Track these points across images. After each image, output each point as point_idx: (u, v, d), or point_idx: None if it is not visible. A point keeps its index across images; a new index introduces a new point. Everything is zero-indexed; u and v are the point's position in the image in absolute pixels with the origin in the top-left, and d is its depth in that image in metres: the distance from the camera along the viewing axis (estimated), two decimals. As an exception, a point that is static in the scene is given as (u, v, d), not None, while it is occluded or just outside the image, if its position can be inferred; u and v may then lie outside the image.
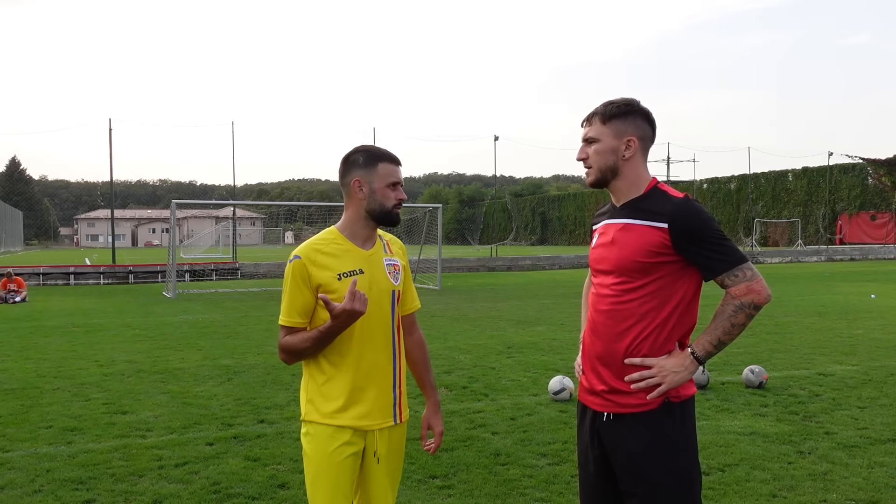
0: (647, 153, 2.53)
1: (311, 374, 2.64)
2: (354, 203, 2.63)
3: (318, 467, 2.57)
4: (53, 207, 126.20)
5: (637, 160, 2.48)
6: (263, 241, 74.89)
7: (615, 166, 2.47)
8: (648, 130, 2.50)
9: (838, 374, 7.94)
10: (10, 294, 18.67)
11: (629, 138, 2.46)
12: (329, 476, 2.55)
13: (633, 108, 2.48)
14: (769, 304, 2.40)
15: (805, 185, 55.40)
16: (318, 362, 2.61)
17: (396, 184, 2.65)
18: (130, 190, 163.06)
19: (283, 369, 8.56)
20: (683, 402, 2.43)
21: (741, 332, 2.40)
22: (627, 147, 2.46)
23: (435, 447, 2.87)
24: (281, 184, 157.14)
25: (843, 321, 12.42)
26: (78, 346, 10.78)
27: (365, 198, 2.61)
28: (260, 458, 5.27)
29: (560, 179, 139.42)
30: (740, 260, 2.36)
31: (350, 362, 2.58)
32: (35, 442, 5.75)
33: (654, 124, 2.51)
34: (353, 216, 2.64)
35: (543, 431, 5.85)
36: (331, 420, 2.57)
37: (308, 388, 2.64)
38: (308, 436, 2.61)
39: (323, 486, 2.55)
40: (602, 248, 2.54)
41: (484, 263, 33.79)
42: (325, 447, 2.56)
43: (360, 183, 2.60)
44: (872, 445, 5.36)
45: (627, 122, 2.46)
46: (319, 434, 2.57)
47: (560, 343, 10.42)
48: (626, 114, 2.46)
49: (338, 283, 2.53)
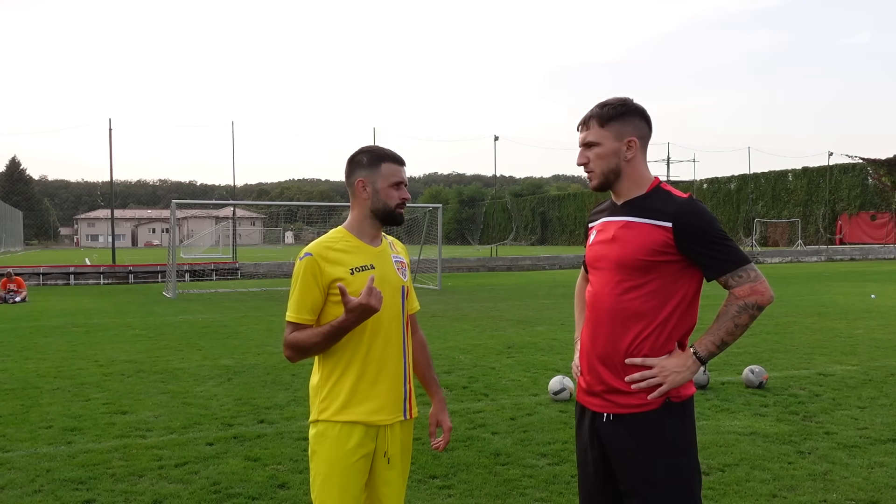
0: (647, 151, 2.53)
1: (323, 372, 2.63)
2: (359, 203, 2.66)
3: (329, 468, 2.55)
4: (53, 207, 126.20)
5: (638, 160, 2.48)
6: (263, 241, 74.93)
7: (618, 169, 2.46)
8: (646, 128, 2.49)
9: (838, 374, 7.94)
10: (10, 294, 18.68)
11: (630, 139, 2.44)
12: (340, 477, 2.55)
13: (628, 107, 2.46)
14: (770, 304, 2.40)
15: (805, 185, 55.40)
16: (330, 359, 2.60)
17: (400, 183, 2.66)
18: (130, 190, 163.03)
19: (284, 369, 8.56)
20: (684, 402, 2.42)
21: (742, 334, 2.39)
22: (629, 148, 2.45)
23: (444, 444, 2.88)
24: (281, 184, 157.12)
25: (843, 321, 12.42)
26: (78, 346, 10.78)
27: (369, 197, 2.64)
28: (260, 458, 5.27)
29: (560, 179, 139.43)
30: (744, 261, 2.36)
31: (362, 357, 2.59)
32: (35, 442, 5.75)
33: (650, 121, 2.51)
34: (360, 215, 2.67)
35: (543, 431, 5.85)
36: (344, 416, 2.56)
37: (320, 387, 2.62)
38: (319, 436, 2.59)
39: (334, 488, 2.55)
40: (601, 245, 2.52)
41: (484, 263, 33.80)
42: (337, 448, 2.55)
43: (363, 183, 2.64)
44: (872, 445, 5.36)
45: (626, 122, 2.45)
46: (332, 434, 2.57)
47: (560, 343, 10.42)
48: (623, 114, 2.45)
49: (351, 278, 2.55)
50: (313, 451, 2.61)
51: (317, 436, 2.60)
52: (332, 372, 2.61)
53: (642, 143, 2.48)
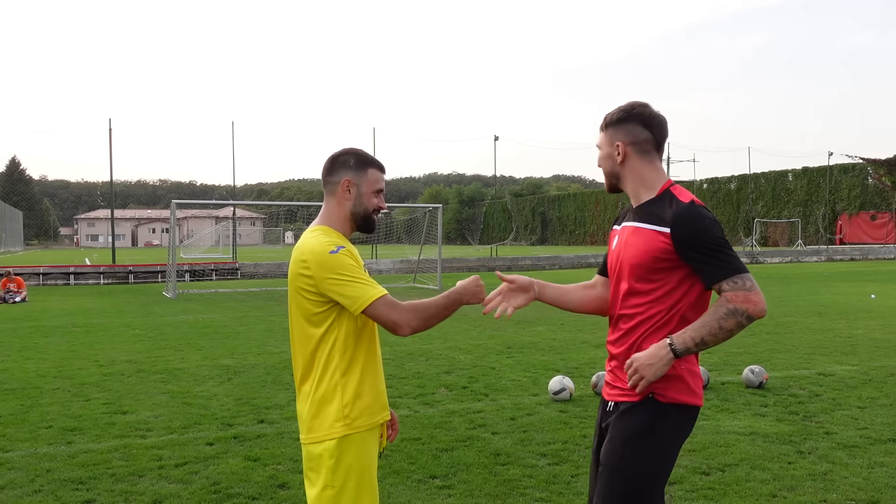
0: (652, 155, 2.55)
1: (332, 380, 2.52)
2: (340, 202, 2.63)
3: (361, 475, 2.50)
4: (53, 207, 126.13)
5: (634, 164, 2.54)
6: (263, 241, 74.99)
7: (615, 171, 2.58)
8: (643, 133, 2.52)
9: (838, 374, 7.94)
10: (10, 294, 18.68)
11: (618, 143, 2.54)
12: (371, 483, 2.54)
13: (628, 113, 2.54)
14: (761, 318, 2.39)
15: (805, 185, 55.40)
16: (342, 363, 2.52)
17: (380, 191, 2.68)
18: (130, 190, 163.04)
19: (284, 369, 8.56)
20: (671, 404, 2.44)
21: (726, 339, 2.38)
22: (619, 153, 2.54)
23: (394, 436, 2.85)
24: (281, 184, 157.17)
25: (843, 321, 12.41)
26: (78, 346, 10.78)
27: (352, 199, 2.62)
28: (260, 458, 5.27)
29: (560, 179, 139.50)
30: (740, 269, 2.35)
31: (374, 357, 2.61)
32: (35, 442, 5.75)
33: (652, 126, 2.53)
34: (340, 215, 2.63)
35: (543, 431, 5.85)
36: (368, 419, 2.54)
37: (334, 397, 2.51)
38: (348, 449, 2.49)
39: (367, 494, 2.52)
40: (617, 249, 2.59)
41: (484, 263, 33.79)
42: (366, 453, 2.53)
43: (349, 184, 2.61)
44: (872, 445, 5.36)
45: (619, 128, 2.54)
46: (359, 441, 2.51)
47: (560, 343, 10.43)
48: (620, 120, 2.54)
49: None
50: (343, 463, 2.48)
51: (347, 449, 2.49)
52: (347, 379, 2.51)
53: (636, 147, 2.53)
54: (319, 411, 2.51)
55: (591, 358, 9.16)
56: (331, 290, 2.45)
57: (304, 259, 2.49)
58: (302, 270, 2.49)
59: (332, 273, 2.45)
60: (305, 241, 2.55)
